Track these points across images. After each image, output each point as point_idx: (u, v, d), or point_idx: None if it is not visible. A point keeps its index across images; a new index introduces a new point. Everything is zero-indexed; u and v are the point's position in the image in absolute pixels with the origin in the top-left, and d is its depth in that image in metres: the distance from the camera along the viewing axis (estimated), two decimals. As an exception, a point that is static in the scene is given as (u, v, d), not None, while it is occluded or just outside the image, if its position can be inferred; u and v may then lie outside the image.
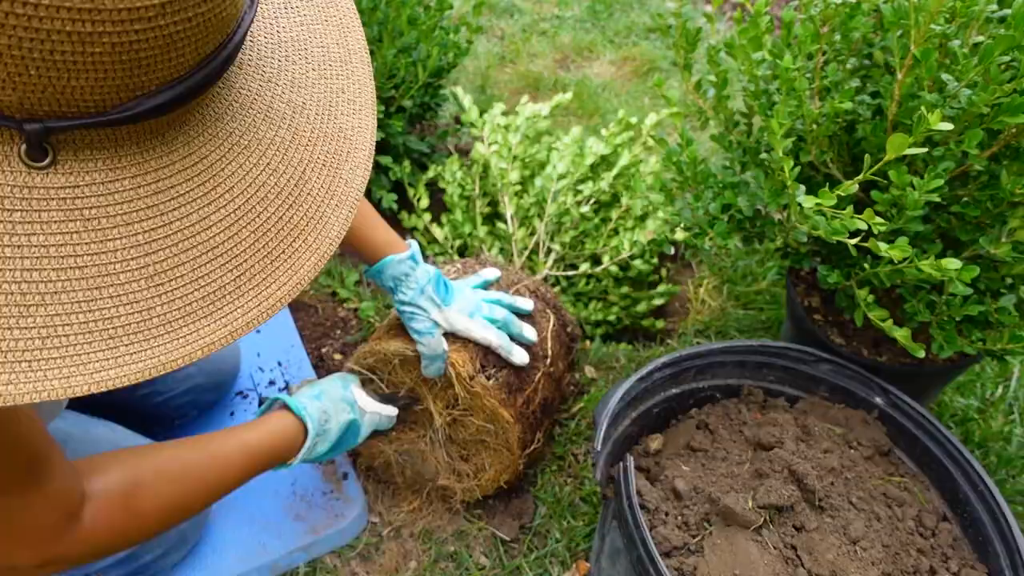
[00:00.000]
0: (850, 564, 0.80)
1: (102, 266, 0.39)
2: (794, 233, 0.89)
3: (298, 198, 0.47)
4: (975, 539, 0.89)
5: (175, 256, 0.42)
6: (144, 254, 0.41)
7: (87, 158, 0.39)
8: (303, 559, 1.07)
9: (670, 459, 0.95)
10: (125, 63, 0.36)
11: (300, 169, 0.47)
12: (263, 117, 0.46)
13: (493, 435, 1.05)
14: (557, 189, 1.47)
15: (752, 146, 1.03)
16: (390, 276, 0.97)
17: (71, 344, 0.38)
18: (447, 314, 0.98)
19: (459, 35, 1.61)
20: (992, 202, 0.84)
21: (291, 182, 0.47)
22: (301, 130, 0.48)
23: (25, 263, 0.37)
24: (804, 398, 1.04)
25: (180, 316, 0.42)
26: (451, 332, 0.99)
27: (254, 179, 0.45)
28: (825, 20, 0.90)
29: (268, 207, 0.45)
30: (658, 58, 2.37)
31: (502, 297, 1.06)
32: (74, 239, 0.38)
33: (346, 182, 0.50)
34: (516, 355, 1.03)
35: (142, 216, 0.40)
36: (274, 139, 0.46)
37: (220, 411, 1.23)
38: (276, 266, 0.46)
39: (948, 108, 0.78)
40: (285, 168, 0.47)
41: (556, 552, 1.10)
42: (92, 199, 0.39)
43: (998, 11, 0.82)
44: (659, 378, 0.99)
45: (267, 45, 0.48)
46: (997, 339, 0.90)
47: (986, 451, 1.24)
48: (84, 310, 0.39)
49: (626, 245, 1.45)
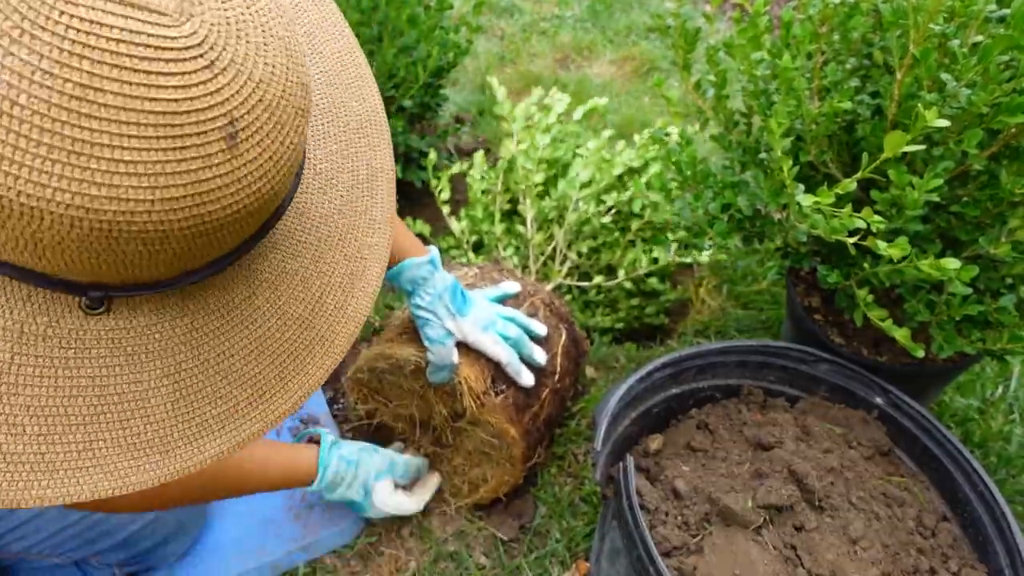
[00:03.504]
0: (850, 564, 0.80)
1: (135, 393, 0.46)
2: (794, 232, 0.89)
3: (314, 321, 0.52)
4: (975, 539, 0.89)
5: (199, 381, 0.48)
6: (173, 381, 0.47)
7: (135, 306, 0.45)
8: (303, 559, 1.07)
9: (670, 459, 0.95)
10: (185, 258, 0.42)
11: (318, 294, 0.53)
12: (291, 253, 0.51)
13: (497, 449, 1.05)
14: (580, 197, 1.43)
15: (752, 146, 1.03)
16: (408, 279, 0.97)
17: (103, 457, 0.45)
18: (461, 324, 0.98)
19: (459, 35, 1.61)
20: (992, 202, 0.84)
21: (309, 307, 0.52)
22: (324, 257, 0.53)
23: (73, 391, 0.44)
24: (804, 398, 1.04)
25: (197, 431, 0.48)
26: (463, 343, 0.99)
27: (277, 308, 0.50)
28: (824, 20, 0.90)
29: (287, 332, 0.51)
30: (658, 58, 2.37)
31: (517, 315, 1.06)
32: (115, 371, 0.45)
33: (357, 299, 0.55)
34: (524, 377, 1.03)
35: (176, 351, 0.46)
36: (298, 270, 0.52)
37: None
38: (287, 382, 0.51)
39: (948, 108, 0.78)
40: (304, 295, 0.52)
41: (556, 552, 1.10)
42: (136, 339, 0.45)
43: (997, 11, 0.82)
44: (659, 378, 0.99)
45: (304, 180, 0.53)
46: (997, 339, 0.89)
47: (986, 451, 1.23)
48: (117, 428, 0.45)
49: (644, 262, 1.42)
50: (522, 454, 1.04)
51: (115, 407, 0.45)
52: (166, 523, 0.97)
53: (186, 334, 0.47)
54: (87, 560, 0.94)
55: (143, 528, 0.95)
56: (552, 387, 1.09)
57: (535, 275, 1.41)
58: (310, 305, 0.52)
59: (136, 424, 0.46)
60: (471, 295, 1.03)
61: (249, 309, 0.49)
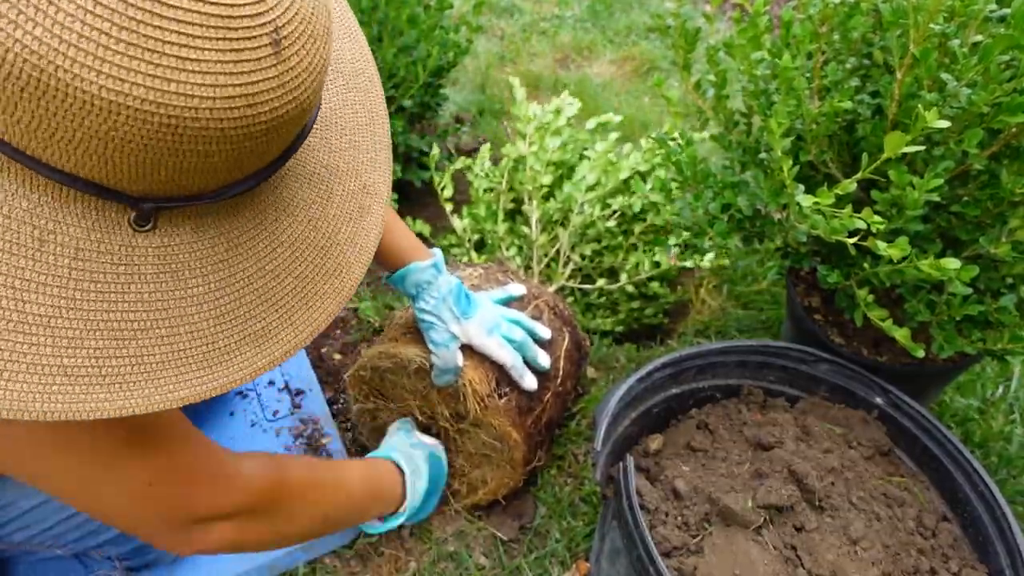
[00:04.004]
0: (850, 564, 0.80)
1: (181, 309, 0.48)
2: (794, 233, 0.89)
3: (330, 249, 0.56)
4: (975, 539, 0.89)
5: (236, 300, 0.51)
6: (214, 298, 0.50)
7: (178, 223, 0.48)
8: (303, 559, 1.07)
9: (670, 459, 0.95)
10: (231, 165, 0.45)
11: (334, 224, 0.57)
12: (307, 181, 0.55)
13: (498, 451, 1.05)
14: (585, 200, 1.43)
15: (752, 146, 1.03)
16: (412, 283, 0.97)
17: (154, 371, 0.47)
18: (466, 328, 0.98)
19: (459, 34, 1.61)
20: (992, 201, 0.84)
21: (325, 235, 0.56)
22: (335, 191, 0.57)
23: (125, 306, 0.46)
24: (804, 398, 1.04)
25: (237, 345, 0.51)
26: (467, 345, 0.99)
27: (299, 234, 0.54)
28: (824, 20, 0.90)
29: (307, 257, 0.55)
30: (658, 58, 2.37)
31: (522, 319, 1.06)
32: (162, 287, 0.47)
33: (366, 232, 0.59)
34: (527, 380, 1.03)
35: (217, 268, 0.50)
36: (315, 199, 0.56)
37: (220, 411, 1.23)
38: (311, 307, 0.55)
39: (948, 108, 0.78)
40: (322, 223, 0.56)
41: (556, 552, 1.09)
42: (180, 256, 0.48)
43: (997, 10, 0.82)
44: (659, 378, 0.99)
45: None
46: (997, 339, 0.89)
47: (986, 451, 1.23)
48: (165, 343, 0.48)
49: (647, 266, 1.41)
50: (523, 457, 1.04)
51: (163, 322, 0.48)
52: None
53: (223, 253, 0.50)
54: (88, 553, 0.94)
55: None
56: (554, 390, 1.09)
57: (538, 276, 1.41)
58: (327, 233, 0.56)
59: (183, 339, 0.48)
60: (476, 297, 1.03)
61: (276, 232, 0.53)
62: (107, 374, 0.46)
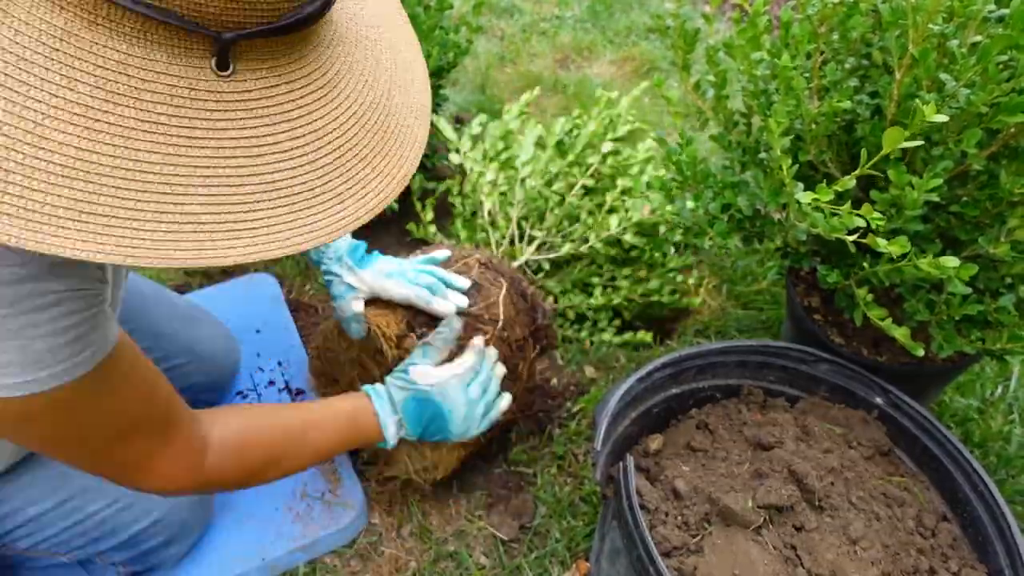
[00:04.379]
0: (850, 564, 0.80)
1: (274, 156, 0.49)
2: (793, 232, 0.90)
3: (390, 112, 0.57)
4: (975, 539, 0.89)
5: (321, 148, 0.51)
6: (301, 144, 0.50)
7: (255, 69, 0.48)
8: (303, 559, 1.07)
9: (670, 459, 0.95)
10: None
11: (386, 87, 0.58)
12: (355, 45, 0.57)
13: None
14: (524, 175, 1.49)
15: (751, 146, 1.03)
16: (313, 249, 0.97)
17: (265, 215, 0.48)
18: (361, 276, 1.01)
19: (459, 35, 1.61)
20: (991, 201, 0.84)
21: (381, 98, 0.57)
22: (382, 58, 0.59)
23: (224, 152, 0.47)
24: (804, 398, 1.04)
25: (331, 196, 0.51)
26: (374, 295, 1.02)
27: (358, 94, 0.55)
28: (823, 20, 0.90)
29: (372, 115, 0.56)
30: (658, 58, 2.37)
31: (436, 270, 1.06)
32: (257, 131, 0.48)
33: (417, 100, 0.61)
34: (436, 304, 1.00)
35: (299, 114, 0.50)
36: (366, 62, 0.57)
37: (220, 411, 1.23)
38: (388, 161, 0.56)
39: (947, 108, 0.78)
40: (376, 85, 0.57)
41: (556, 552, 1.10)
42: (263, 100, 0.48)
43: (996, 11, 0.82)
44: (659, 378, 0.99)
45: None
46: (996, 338, 0.90)
47: (986, 451, 1.24)
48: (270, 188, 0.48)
49: (614, 222, 1.43)
50: None
51: (263, 168, 0.48)
52: (170, 524, 0.97)
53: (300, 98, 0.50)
54: (91, 559, 0.94)
55: (147, 528, 0.95)
56: (497, 334, 1.06)
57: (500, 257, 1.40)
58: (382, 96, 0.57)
59: (285, 184, 0.49)
60: (380, 255, 1.06)
61: (339, 88, 0.53)
62: (224, 220, 0.46)
